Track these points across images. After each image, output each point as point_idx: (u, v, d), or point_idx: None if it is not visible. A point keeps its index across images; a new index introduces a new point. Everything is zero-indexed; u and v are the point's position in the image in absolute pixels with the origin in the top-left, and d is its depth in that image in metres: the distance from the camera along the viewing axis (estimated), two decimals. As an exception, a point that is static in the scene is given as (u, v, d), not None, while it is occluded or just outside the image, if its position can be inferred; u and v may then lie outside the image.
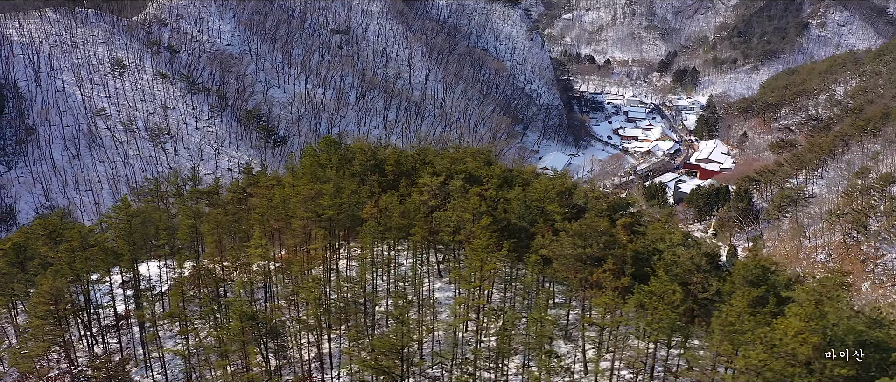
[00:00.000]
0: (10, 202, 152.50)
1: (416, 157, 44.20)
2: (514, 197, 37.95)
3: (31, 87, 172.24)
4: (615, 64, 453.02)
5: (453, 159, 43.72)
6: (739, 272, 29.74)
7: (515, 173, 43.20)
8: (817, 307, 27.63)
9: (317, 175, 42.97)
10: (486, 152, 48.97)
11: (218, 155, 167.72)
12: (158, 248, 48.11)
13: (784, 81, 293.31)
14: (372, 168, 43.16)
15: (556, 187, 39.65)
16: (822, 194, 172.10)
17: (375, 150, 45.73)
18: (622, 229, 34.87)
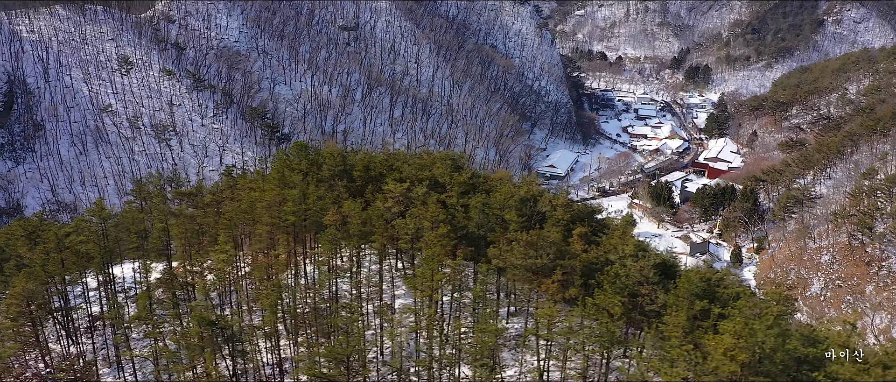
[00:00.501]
0: (17, 197, 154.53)
1: (384, 162, 44.28)
2: (474, 205, 37.98)
3: (39, 83, 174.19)
4: (627, 61, 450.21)
5: (420, 165, 43.74)
6: (684, 286, 29.48)
7: (482, 179, 43.08)
8: (747, 325, 27.37)
9: (284, 180, 43.25)
10: (457, 157, 48.85)
11: (222, 152, 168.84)
12: (131, 250, 48.64)
13: (796, 80, 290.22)
14: (340, 174, 43.33)
15: (519, 195, 39.59)
16: (829, 195, 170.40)
17: (346, 155, 45.86)
18: (578, 239, 34.75)
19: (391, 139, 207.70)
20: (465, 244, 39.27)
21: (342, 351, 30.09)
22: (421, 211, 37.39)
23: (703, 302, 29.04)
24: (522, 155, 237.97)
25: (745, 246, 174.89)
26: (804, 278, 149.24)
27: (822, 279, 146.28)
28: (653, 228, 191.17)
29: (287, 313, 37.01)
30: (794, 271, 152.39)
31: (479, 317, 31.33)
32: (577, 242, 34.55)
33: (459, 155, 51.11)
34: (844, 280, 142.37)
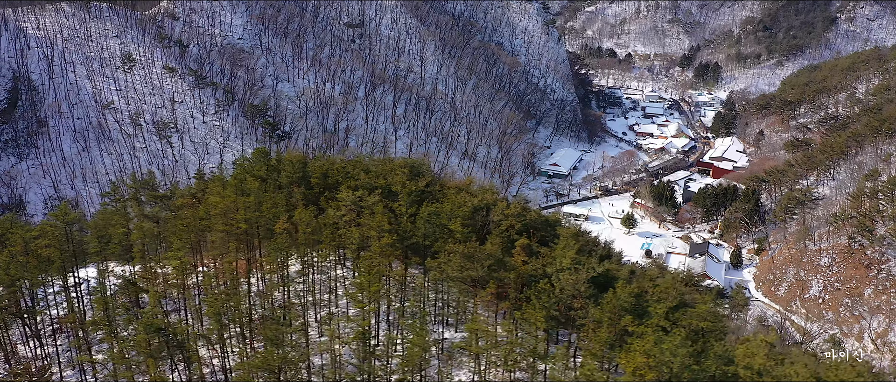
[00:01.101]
0: (20, 193, 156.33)
1: (341, 170, 44.36)
2: (421, 215, 38.03)
3: (44, 80, 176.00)
4: (637, 58, 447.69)
5: (378, 173, 43.78)
6: (610, 301, 29.36)
7: (437, 187, 43.02)
8: (656, 344, 27.21)
9: (241, 187, 43.48)
10: (417, 165, 48.84)
11: (223, 149, 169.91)
12: (94, 255, 49.13)
13: (805, 78, 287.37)
14: (298, 180, 43.53)
15: (472, 204, 39.58)
16: (831, 197, 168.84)
17: (306, 162, 46.03)
18: (520, 251, 34.78)
19: (393, 137, 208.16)
20: (413, 253, 39.37)
21: (272, 362, 30.39)
22: (368, 220, 37.54)
23: (628, 318, 28.91)
24: (526, 153, 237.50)
25: (745, 247, 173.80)
26: (803, 280, 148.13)
27: (820, 282, 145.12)
28: (654, 227, 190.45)
29: (233, 321, 37.31)
30: (793, 272, 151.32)
31: (410, 329, 31.48)
32: (519, 253, 34.59)
33: (420, 162, 51.03)
34: (843, 283, 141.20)
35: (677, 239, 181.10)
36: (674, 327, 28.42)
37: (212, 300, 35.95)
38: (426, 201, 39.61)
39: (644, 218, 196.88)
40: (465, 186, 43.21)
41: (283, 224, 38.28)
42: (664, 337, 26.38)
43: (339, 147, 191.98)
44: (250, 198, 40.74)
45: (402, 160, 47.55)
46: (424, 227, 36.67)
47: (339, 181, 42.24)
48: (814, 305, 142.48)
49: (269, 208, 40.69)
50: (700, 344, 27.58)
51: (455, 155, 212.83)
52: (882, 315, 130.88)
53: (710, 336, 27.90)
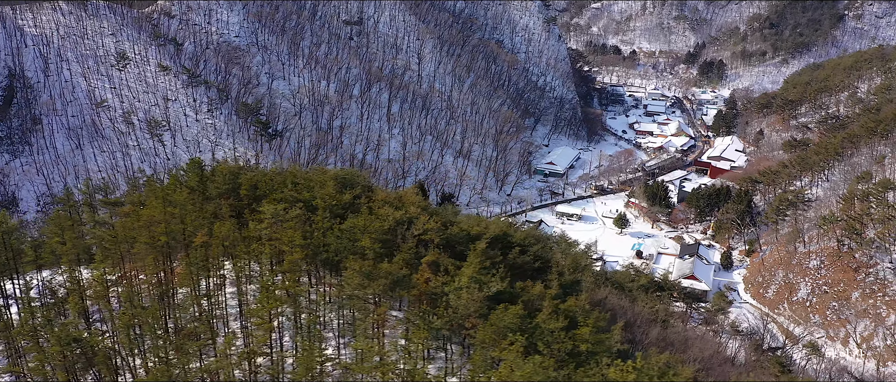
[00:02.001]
0: (12, 190, 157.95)
1: (270, 181, 44.46)
2: (333, 230, 38.13)
3: (39, 77, 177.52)
4: (642, 55, 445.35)
5: (303, 186, 43.81)
6: (494, 320, 29.37)
7: (364, 200, 43.06)
8: (512, 370, 27.36)
9: (167, 198, 43.68)
10: (352, 175, 48.89)
11: (215, 147, 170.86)
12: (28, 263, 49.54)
13: (807, 77, 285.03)
14: (227, 192, 43.79)
15: (395, 217, 39.65)
16: (825, 198, 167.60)
17: (238, 172, 46.19)
18: (426, 268, 34.85)
19: (387, 135, 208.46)
20: (325, 269, 39.59)
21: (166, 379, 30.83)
22: (280, 234, 37.78)
23: (514, 336, 28.89)
24: (523, 152, 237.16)
25: (737, 248, 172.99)
26: (791, 282, 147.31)
27: (809, 285, 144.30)
28: (647, 228, 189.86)
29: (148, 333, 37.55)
30: (781, 275, 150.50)
31: (301, 348, 31.69)
32: (425, 270, 34.67)
33: (355, 174, 51.00)
34: (831, 286, 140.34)
35: (670, 240, 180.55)
36: (548, 349, 28.51)
37: (121, 314, 36.33)
38: (351, 215, 39.72)
39: (638, 218, 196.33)
40: (391, 198, 43.12)
41: (202, 238, 38.63)
42: (525, 362, 26.41)
43: (333, 145, 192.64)
44: (175, 209, 41.07)
45: (334, 172, 47.65)
46: (335, 242, 36.85)
47: (267, 193, 42.52)
48: (801, 308, 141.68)
49: (192, 220, 41.00)
50: (569, 370, 27.48)
51: (450, 154, 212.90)
52: (868, 319, 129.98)
53: (593, 358, 27.88)
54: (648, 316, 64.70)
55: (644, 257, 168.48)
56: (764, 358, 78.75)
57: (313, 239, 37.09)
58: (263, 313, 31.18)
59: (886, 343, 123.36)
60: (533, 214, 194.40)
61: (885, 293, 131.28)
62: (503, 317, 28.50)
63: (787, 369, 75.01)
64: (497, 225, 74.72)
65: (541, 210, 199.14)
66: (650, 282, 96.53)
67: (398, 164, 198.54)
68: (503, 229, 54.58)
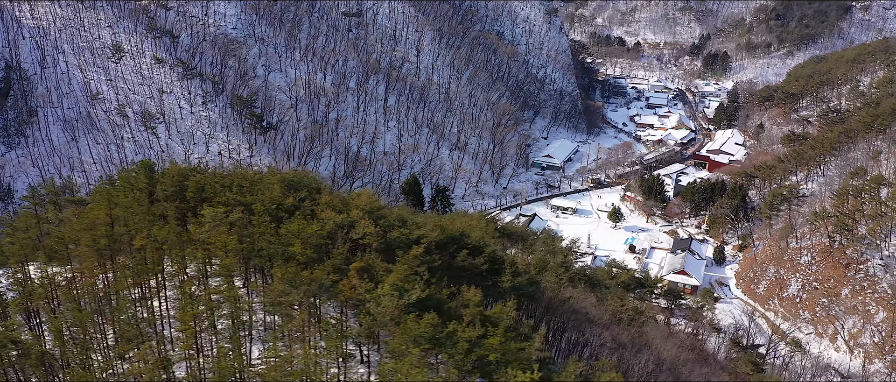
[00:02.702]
0: (8, 182, 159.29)
1: (216, 183, 44.58)
2: (264, 234, 38.31)
3: (36, 69, 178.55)
4: (646, 47, 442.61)
5: (246, 189, 43.88)
6: (407, 327, 29.38)
7: (308, 203, 43.12)
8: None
9: (112, 200, 43.96)
10: (300, 178, 48.93)
11: (208, 140, 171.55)
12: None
13: (810, 70, 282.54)
14: (173, 195, 44.08)
15: (336, 221, 39.76)
16: (820, 193, 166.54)
17: (187, 174, 46.37)
18: (355, 274, 34.96)
19: (383, 128, 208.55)
20: (260, 274, 39.89)
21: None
22: (214, 238, 38.03)
23: (425, 345, 29.02)
24: (520, 145, 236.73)
25: (731, 243, 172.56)
26: (782, 278, 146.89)
27: (799, 281, 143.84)
28: (642, 222, 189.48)
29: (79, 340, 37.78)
30: (773, 270, 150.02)
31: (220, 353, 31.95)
32: (353, 276, 34.80)
33: (306, 174, 51.10)
34: (821, 282, 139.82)
35: (664, 234, 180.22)
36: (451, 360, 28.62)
37: (52, 318, 36.76)
38: (294, 218, 39.81)
39: (633, 212, 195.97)
40: (336, 202, 43.02)
41: (141, 241, 38.97)
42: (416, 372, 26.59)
43: (328, 138, 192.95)
44: (120, 212, 41.41)
45: (281, 175, 47.76)
46: (267, 247, 37.10)
47: (212, 196, 42.75)
48: (791, 304, 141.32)
49: (135, 223, 41.31)
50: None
51: (446, 146, 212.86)
52: (857, 316, 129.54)
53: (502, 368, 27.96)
54: (611, 317, 64.85)
55: (637, 251, 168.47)
56: (738, 357, 78.70)
57: (247, 244, 37.40)
58: (187, 318, 31.54)
59: (874, 340, 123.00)
60: (527, 207, 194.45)
61: (875, 290, 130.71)
62: (413, 327, 28.68)
63: (759, 368, 74.91)
64: (458, 225, 75.07)
65: (536, 204, 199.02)
66: (631, 279, 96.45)
67: (394, 157, 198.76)
68: (462, 229, 54.71)
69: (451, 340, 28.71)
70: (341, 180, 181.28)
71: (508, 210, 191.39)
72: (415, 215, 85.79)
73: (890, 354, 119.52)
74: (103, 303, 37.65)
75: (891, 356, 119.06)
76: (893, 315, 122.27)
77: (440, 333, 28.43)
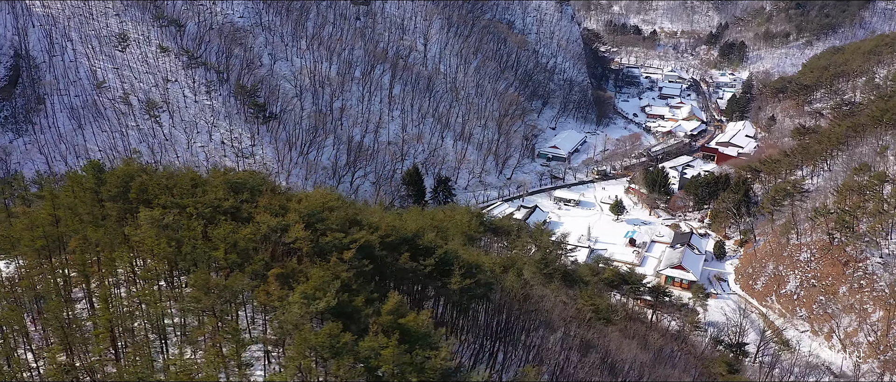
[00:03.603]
0: (15, 168, 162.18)
1: (158, 184, 45.13)
2: (188, 238, 38.83)
3: (44, 57, 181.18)
4: (662, 35, 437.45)
5: (184, 191, 44.38)
6: (302, 337, 29.62)
7: (247, 206, 43.57)
8: None
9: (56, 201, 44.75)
10: (248, 177, 49.32)
11: (211, 129, 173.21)
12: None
13: (826, 61, 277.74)
14: (118, 195, 44.76)
15: (270, 224, 40.14)
16: (823, 189, 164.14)
17: (133, 174, 46.94)
18: (273, 280, 35.35)
19: (388, 117, 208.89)
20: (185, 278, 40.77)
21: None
22: (143, 241, 38.67)
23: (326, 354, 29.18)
24: (527, 135, 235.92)
25: (733, 238, 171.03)
26: (781, 275, 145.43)
27: (798, 277, 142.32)
28: (644, 215, 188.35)
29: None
30: (772, 267, 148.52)
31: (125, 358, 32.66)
32: (271, 282, 35.19)
33: (254, 175, 51.41)
34: (819, 280, 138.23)
35: (666, 227, 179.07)
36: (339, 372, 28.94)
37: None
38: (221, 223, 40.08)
39: (637, 205, 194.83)
40: (275, 204, 43.23)
41: (75, 243, 39.74)
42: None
43: (332, 127, 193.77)
44: (61, 212, 42.28)
45: (226, 176, 48.06)
46: (191, 252, 37.67)
47: (153, 198, 43.32)
48: (788, 301, 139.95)
49: (74, 223, 42.06)
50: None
51: (450, 136, 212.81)
52: (854, 315, 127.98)
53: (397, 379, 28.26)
54: (575, 316, 64.91)
55: (637, 245, 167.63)
56: (713, 357, 78.40)
57: (174, 248, 37.98)
58: (102, 321, 32.27)
59: (868, 340, 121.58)
60: (530, 199, 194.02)
61: (873, 289, 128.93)
62: (309, 336, 29.09)
63: (733, 369, 74.58)
64: (415, 223, 75.20)
65: (539, 195, 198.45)
66: (616, 275, 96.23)
67: (397, 146, 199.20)
68: (416, 230, 55.00)
69: (347, 350, 29.10)
70: (343, 169, 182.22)
71: (510, 202, 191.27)
72: (388, 212, 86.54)
73: (884, 354, 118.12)
74: (42, 302, 38.62)
75: (885, 355, 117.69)
76: (889, 315, 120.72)
77: (337, 342, 28.85)
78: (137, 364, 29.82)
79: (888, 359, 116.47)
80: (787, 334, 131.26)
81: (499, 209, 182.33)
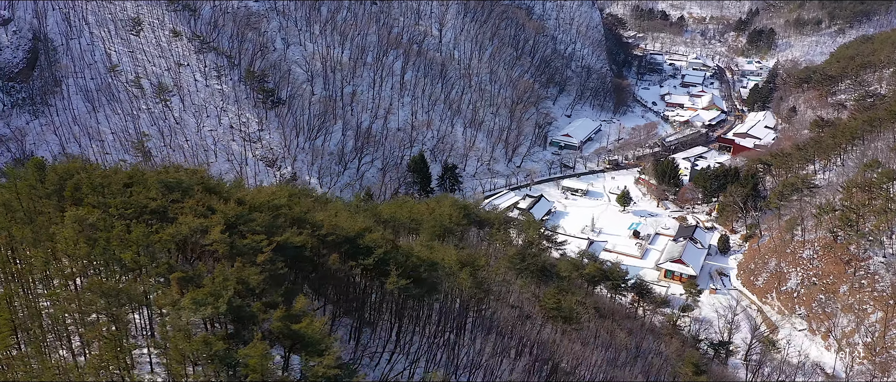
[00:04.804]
0: (31, 150, 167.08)
1: (91, 183, 46.34)
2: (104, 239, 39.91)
3: (61, 40, 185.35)
4: (691, 21, 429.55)
5: (115, 191, 45.55)
6: (176, 342, 30.46)
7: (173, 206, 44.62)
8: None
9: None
10: (189, 175, 50.20)
11: (220, 113, 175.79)
12: None
13: (853, 51, 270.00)
14: (53, 193, 46.14)
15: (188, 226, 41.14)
16: (833, 185, 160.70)
17: (72, 172, 48.26)
18: (175, 283, 36.38)
19: (398, 103, 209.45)
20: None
21: None
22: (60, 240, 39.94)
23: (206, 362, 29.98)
24: (540, 123, 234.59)
25: (740, 232, 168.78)
26: (782, 271, 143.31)
27: (799, 275, 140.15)
28: (652, 207, 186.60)
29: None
30: (774, 263, 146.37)
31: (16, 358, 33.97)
32: (174, 286, 36.21)
33: (195, 172, 52.21)
34: (820, 278, 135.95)
35: (672, 220, 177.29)
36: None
37: None
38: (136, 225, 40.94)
39: (645, 196, 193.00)
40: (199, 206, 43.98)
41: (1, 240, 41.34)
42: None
43: (341, 113, 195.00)
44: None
45: (161, 174, 49.17)
46: (100, 254, 38.88)
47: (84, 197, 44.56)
48: (788, 298, 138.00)
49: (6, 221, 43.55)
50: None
51: (460, 123, 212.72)
52: (853, 315, 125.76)
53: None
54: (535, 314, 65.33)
55: (641, 237, 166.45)
56: (680, 358, 78.07)
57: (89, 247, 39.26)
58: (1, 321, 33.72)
59: (865, 341, 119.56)
60: (537, 188, 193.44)
61: (874, 289, 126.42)
62: (182, 344, 30.07)
63: (701, 370, 74.28)
64: (392, 215, 75.91)
65: (547, 184, 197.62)
66: (598, 271, 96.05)
67: (405, 133, 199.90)
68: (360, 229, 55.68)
69: (220, 358, 30.08)
70: (350, 155, 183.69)
71: (517, 190, 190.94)
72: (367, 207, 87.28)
73: (880, 355, 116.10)
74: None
75: (880, 357, 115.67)
76: (887, 316, 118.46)
77: (209, 350, 29.83)
78: (25, 364, 31.21)
79: (883, 361, 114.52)
80: (783, 332, 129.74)
81: (503, 198, 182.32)
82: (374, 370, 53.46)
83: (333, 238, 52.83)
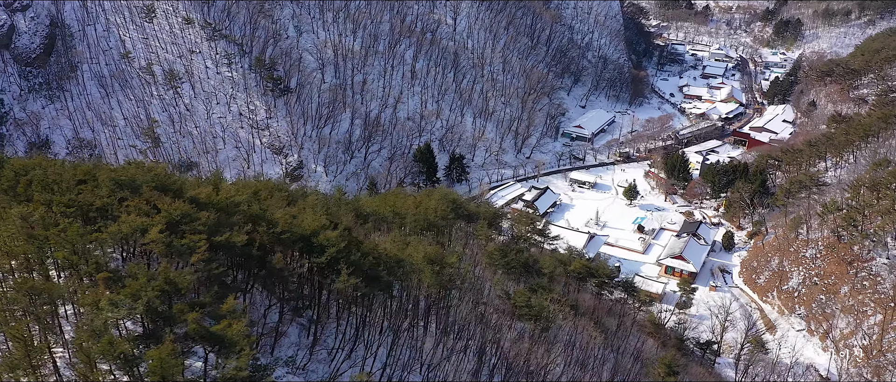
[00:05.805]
0: (46, 134, 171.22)
1: (42, 180, 47.54)
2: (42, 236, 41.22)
3: (78, 26, 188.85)
4: (716, 10, 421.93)
5: (67, 187, 46.89)
6: (87, 348, 31.58)
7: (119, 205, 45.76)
8: None
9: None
10: (145, 172, 51.21)
11: (230, 101, 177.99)
12: None
13: (880, 43, 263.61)
14: (8, 189, 47.55)
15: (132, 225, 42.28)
16: (841, 184, 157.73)
17: (28, 168, 49.62)
18: (102, 283, 37.46)
19: (408, 92, 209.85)
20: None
21: None
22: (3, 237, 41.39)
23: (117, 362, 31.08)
24: (552, 114, 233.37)
25: (747, 229, 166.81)
26: (784, 270, 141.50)
27: (801, 274, 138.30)
28: (659, 201, 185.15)
29: None
30: (776, 261, 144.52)
31: None
32: (101, 286, 37.31)
33: (152, 169, 53.30)
34: (822, 278, 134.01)
35: (679, 215, 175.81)
36: None
37: None
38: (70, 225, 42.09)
39: (654, 190, 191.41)
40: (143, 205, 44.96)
41: (-48, 236, 43.05)
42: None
43: (350, 101, 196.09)
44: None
45: (113, 172, 50.30)
46: (36, 253, 40.16)
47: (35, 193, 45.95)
48: (789, 298, 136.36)
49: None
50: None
51: (470, 113, 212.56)
52: (852, 316, 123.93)
53: None
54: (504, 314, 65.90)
55: (646, 232, 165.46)
56: (653, 358, 77.93)
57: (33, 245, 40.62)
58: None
59: (863, 343, 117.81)
60: (545, 179, 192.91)
61: (875, 290, 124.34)
62: (87, 345, 31.23)
63: (673, 370, 74.13)
64: (375, 209, 76.51)
65: (554, 176, 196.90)
66: (583, 268, 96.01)
67: (414, 122, 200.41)
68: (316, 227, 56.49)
69: (127, 359, 31.19)
70: (357, 144, 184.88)
71: (523, 182, 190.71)
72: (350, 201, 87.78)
73: (877, 359, 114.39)
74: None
75: (877, 360, 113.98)
76: (886, 318, 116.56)
77: (114, 351, 30.92)
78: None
79: (878, 365, 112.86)
80: (780, 332, 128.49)
81: (509, 189, 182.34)
82: (329, 365, 54.57)
83: (288, 236, 53.69)
